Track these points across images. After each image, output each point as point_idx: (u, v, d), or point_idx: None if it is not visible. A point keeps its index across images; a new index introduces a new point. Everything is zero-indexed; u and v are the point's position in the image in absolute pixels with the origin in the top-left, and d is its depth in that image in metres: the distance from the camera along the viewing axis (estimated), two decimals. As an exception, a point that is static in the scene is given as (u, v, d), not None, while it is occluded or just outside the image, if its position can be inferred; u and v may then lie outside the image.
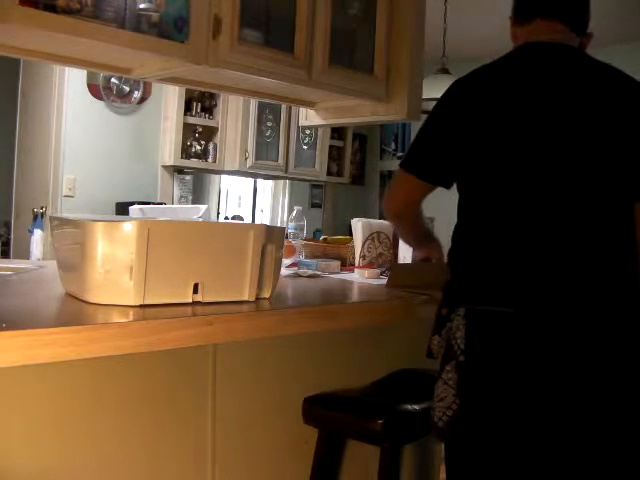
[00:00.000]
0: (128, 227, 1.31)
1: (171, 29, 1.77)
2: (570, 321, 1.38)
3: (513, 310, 1.39)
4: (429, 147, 1.56)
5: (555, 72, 1.46)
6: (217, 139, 4.69)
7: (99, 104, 4.17)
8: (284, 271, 2.09)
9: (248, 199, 5.52)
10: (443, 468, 2.13)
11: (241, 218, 5.21)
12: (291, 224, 2.46)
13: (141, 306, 1.32)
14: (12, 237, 4.41)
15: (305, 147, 5.18)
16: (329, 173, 5.52)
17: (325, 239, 2.69)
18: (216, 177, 5.11)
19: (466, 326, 1.42)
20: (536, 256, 1.41)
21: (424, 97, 2.39)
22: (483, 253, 1.47)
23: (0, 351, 1.05)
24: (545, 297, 1.39)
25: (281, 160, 4.95)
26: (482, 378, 1.42)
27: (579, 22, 1.53)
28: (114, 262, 1.31)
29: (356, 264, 2.37)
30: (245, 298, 1.47)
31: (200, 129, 4.63)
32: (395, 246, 2.34)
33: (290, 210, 5.21)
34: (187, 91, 4.41)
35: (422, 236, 1.85)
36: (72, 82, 4.03)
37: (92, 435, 1.47)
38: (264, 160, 4.81)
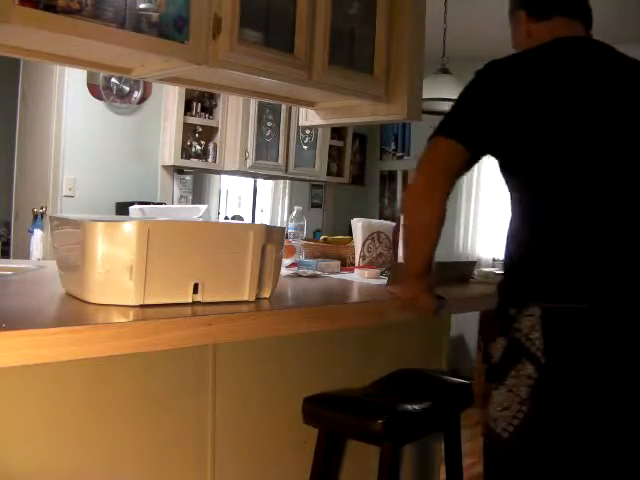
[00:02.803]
0: (128, 227, 1.31)
1: (171, 29, 1.77)
2: None
3: (589, 306, 1.36)
4: (471, 113, 1.49)
5: (598, 64, 1.48)
6: (217, 139, 4.68)
7: (99, 104, 4.17)
8: (284, 271, 2.09)
9: (248, 199, 5.52)
10: (443, 468, 2.14)
11: (241, 218, 5.21)
12: (291, 224, 2.46)
13: (141, 306, 1.32)
14: (12, 237, 4.41)
15: (305, 147, 5.18)
16: (329, 173, 5.51)
17: (325, 239, 2.69)
18: (216, 177, 5.11)
19: (543, 325, 1.37)
20: (612, 249, 1.39)
21: (424, 97, 2.39)
22: (554, 249, 1.42)
23: (0, 351, 1.05)
24: (624, 292, 1.38)
25: (281, 160, 4.95)
26: (565, 378, 1.37)
27: (589, 21, 1.58)
28: (114, 262, 1.31)
29: (356, 264, 2.37)
30: (245, 298, 1.47)
31: (200, 129, 4.63)
32: (395, 246, 2.34)
33: (290, 210, 5.20)
34: (187, 91, 4.41)
35: (426, 255, 1.57)
36: (72, 82, 4.02)
37: (92, 435, 1.47)
38: (264, 160, 4.81)
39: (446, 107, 4.18)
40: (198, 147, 4.61)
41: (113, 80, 4.16)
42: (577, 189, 1.42)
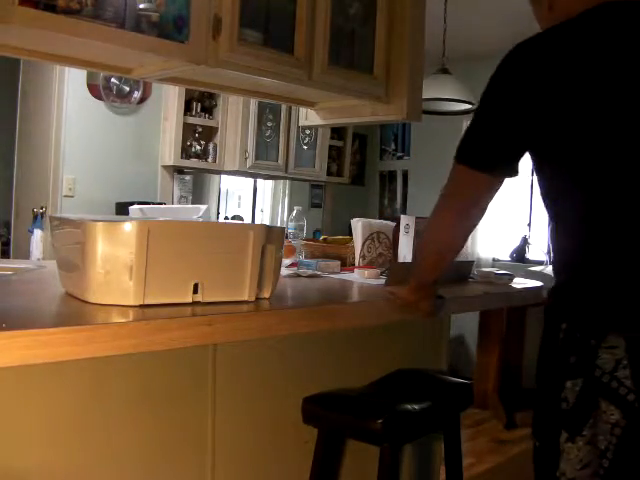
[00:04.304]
0: (128, 227, 1.31)
1: (171, 29, 1.77)
2: None
3: None
4: (500, 135, 1.27)
5: None
6: (217, 139, 4.69)
7: (99, 104, 4.17)
8: (284, 271, 2.09)
9: (248, 199, 5.52)
10: (443, 468, 2.14)
11: (241, 218, 5.21)
12: (291, 224, 2.46)
13: (141, 306, 1.32)
14: (12, 237, 4.41)
15: (305, 147, 5.18)
16: (329, 173, 5.52)
17: (325, 239, 2.69)
18: (216, 177, 5.11)
19: (631, 360, 1.13)
20: None
21: (424, 97, 2.39)
22: (629, 267, 1.17)
23: (0, 351, 1.05)
24: None
25: (281, 160, 4.95)
26: None
27: None
28: (114, 262, 1.31)
29: (356, 264, 2.37)
30: (245, 298, 1.47)
31: (200, 129, 4.63)
32: (395, 246, 2.34)
33: (290, 210, 5.20)
34: (187, 91, 4.41)
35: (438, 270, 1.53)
36: (72, 82, 4.03)
37: (92, 435, 1.47)
38: (264, 160, 4.81)
39: (446, 107, 4.15)
40: (198, 147, 4.62)
41: (113, 80, 4.16)
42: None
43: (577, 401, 1.17)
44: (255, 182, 5.47)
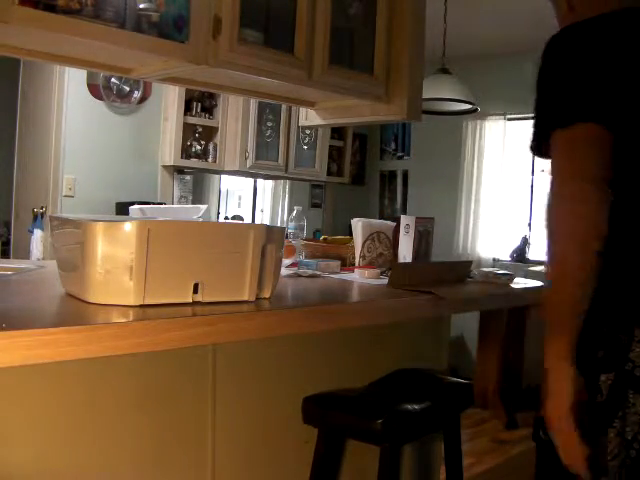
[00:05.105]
0: (128, 227, 1.31)
1: (171, 29, 1.77)
2: None
3: None
4: (587, 80, 1.16)
5: None
6: (217, 139, 4.69)
7: (99, 104, 4.17)
8: (284, 271, 2.09)
9: (248, 199, 5.52)
10: (443, 468, 2.14)
11: (241, 218, 5.21)
12: (291, 224, 2.46)
13: (141, 306, 1.32)
14: (12, 237, 4.42)
15: (305, 147, 5.18)
16: (329, 173, 5.52)
17: (325, 239, 2.68)
18: (216, 177, 5.11)
19: None
20: None
21: (424, 97, 2.39)
22: None
23: (0, 351, 1.05)
24: None
25: (281, 160, 4.95)
26: None
27: None
28: (114, 262, 1.31)
29: (356, 264, 2.37)
30: (245, 298, 1.47)
31: (200, 129, 4.63)
32: (395, 246, 2.34)
33: (290, 210, 5.20)
34: (187, 91, 4.41)
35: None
36: (72, 82, 4.03)
37: (91, 435, 1.47)
38: (264, 160, 4.81)
39: (446, 107, 4.14)
40: (198, 147, 4.62)
41: (113, 80, 4.16)
42: None
43: (609, 394, 1.17)
44: (255, 182, 5.48)
